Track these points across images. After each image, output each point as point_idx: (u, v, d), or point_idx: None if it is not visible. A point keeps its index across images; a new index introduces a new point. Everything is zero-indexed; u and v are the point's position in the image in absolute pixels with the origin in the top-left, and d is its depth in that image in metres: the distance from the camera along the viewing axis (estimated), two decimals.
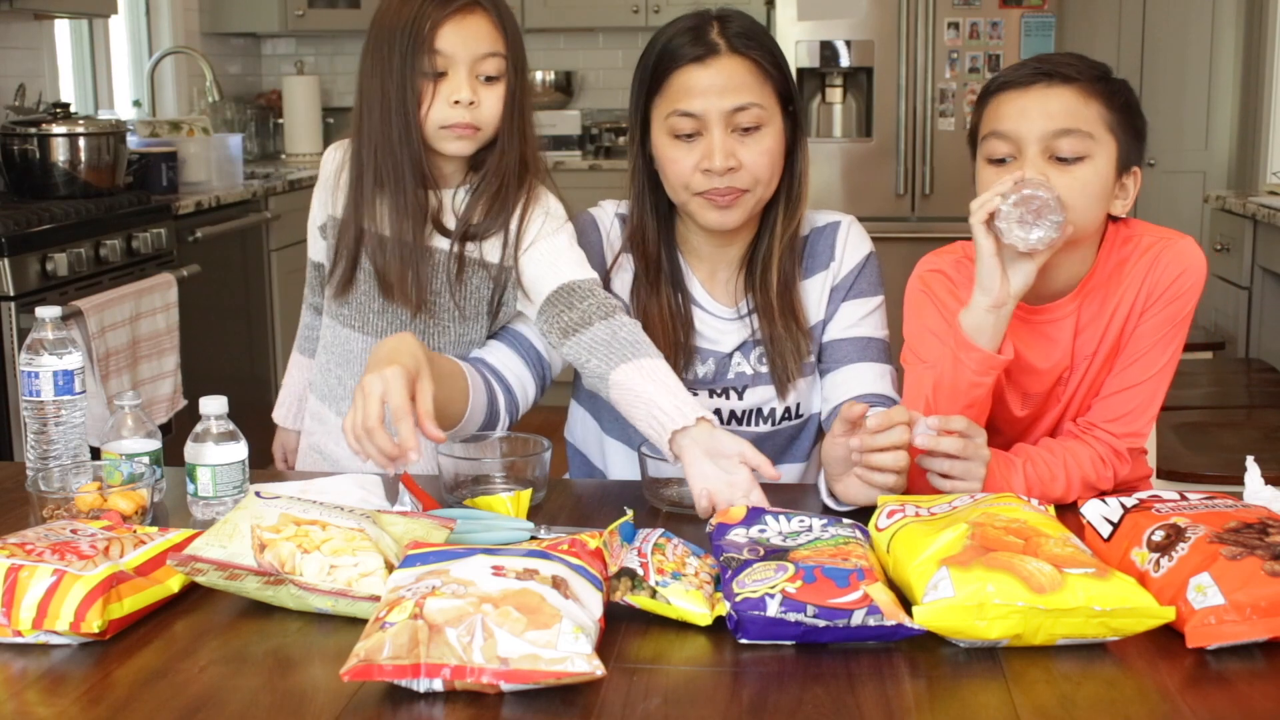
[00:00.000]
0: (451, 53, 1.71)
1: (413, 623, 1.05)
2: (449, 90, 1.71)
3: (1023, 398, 1.65)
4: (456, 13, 1.71)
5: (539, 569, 1.12)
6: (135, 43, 4.93)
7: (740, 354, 1.77)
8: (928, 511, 1.29)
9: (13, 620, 1.16)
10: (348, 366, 1.85)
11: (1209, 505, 1.28)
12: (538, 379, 1.77)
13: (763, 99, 1.66)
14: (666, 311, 1.75)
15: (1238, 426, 3.00)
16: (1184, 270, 1.59)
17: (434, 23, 1.69)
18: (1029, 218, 1.44)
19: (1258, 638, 1.12)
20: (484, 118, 1.73)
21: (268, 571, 1.21)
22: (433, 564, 1.15)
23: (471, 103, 1.71)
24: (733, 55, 1.66)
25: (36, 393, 1.56)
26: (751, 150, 1.66)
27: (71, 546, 1.22)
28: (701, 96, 1.64)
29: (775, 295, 1.74)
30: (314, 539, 1.23)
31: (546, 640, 1.03)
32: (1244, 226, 3.90)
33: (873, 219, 4.85)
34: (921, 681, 1.09)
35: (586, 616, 1.09)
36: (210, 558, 1.22)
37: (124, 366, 3.16)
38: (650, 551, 1.24)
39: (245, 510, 1.28)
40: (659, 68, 1.68)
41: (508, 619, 1.04)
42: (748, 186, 1.67)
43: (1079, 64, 1.57)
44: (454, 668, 1.03)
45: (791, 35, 4.78)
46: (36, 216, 3.09)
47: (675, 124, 1.66)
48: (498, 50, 1.73)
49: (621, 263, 1.79)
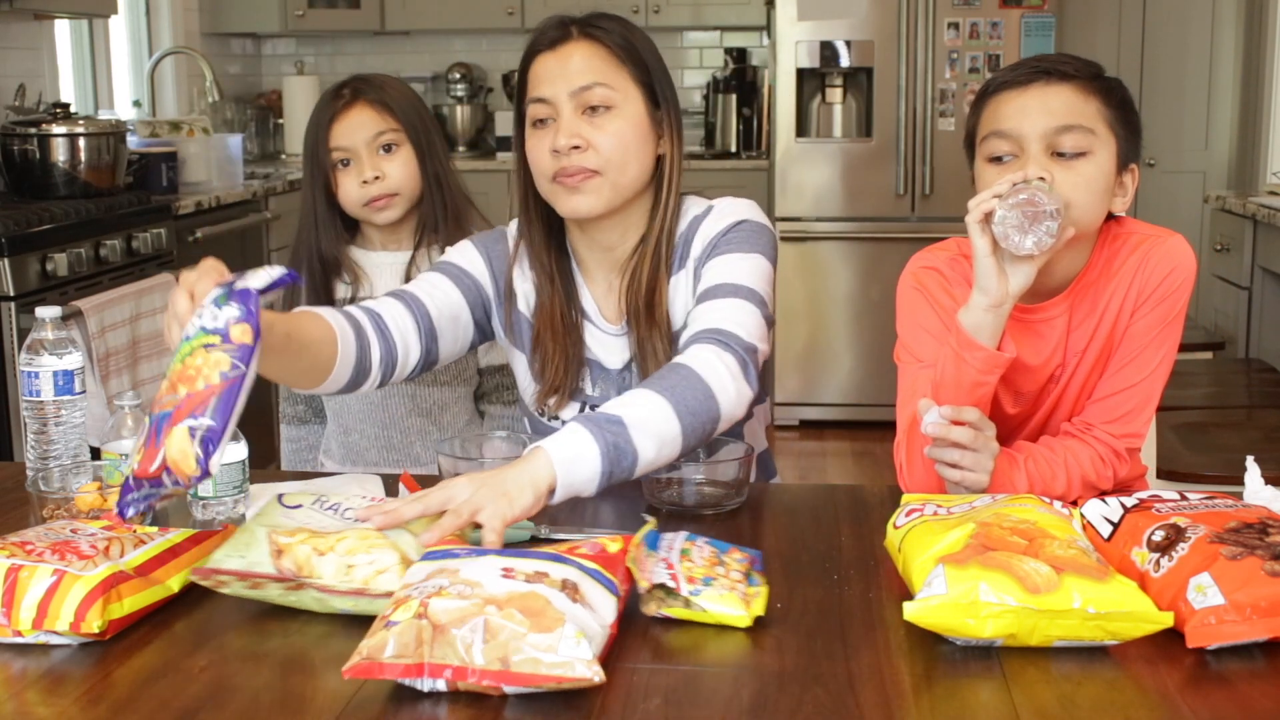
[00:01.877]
0: (347, 145, 2.03)
1: (417, 622, 1.05)
2: (356, 173, 2.03)
3: (1015, 396, 1.65)
4: (340, 112, 2.04)
5: (549, 572, 1.12)
6: (135, 43, 4.94)
7: (629, 370, 1.74)
8: (946, 511, 1.29)
9: (13, 620, 1.16)
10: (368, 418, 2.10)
11: (1209, 505, 1.28)
12: (423, 348, 1.67)
13: (613, 80, 1.65)
14: (560, 327, 1.72)
15: (1238, 426, 3.00)
16: (1174, 268, 1.59)
17: (326, 127, 2.03)
18: (1026, 223, 1.44)
19: (1258, 638, 1.12)
20: (394, 183, 2.04)
21: (287, 577, 1.21)
22: (443, 560, 1.15)
23: (377, 177, 2.02)
24: (582, 39, 1.66)
25: (36, 393, 1.56)
26: (602, 130, 1.63)
27: (72, 546, 1.22)
28: (550, 81, 1.65)
29: (642, 299, 1.69)
30: (329, 540, 1.23)
31: (548, 644, 1.03)
32: (1244, 226, 3.90)
33: (873, 219, 4.86)
34: (921, 681, 1.09)
35: (594, 621, 1.09)
36: (231, 569, 1.23)
37: (124, 366, 3.16)
38: (678, 560, 1.22)
39: (264, 517, 1.29)
40: (523, 62, 1.70)
41: (511, 621, 1.04)
42: (597, 167, 1.63)
43: (1075, 62, 1.58)
44: (455, 668, 1.03)
45: (791, 35, 4.78)
46: (36, 216, 3.09)
47: (532, 111, 1.67)
48: (386, 128, 2.04)
49: (524, 275, 1.76)
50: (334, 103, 2.04)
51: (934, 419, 1.46)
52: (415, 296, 1.69)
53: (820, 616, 1.22)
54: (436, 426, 2.12)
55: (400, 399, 2.11)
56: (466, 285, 1.74)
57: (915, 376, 1.62)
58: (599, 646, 1.07)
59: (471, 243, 1.79)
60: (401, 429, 2.12)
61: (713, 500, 1.54)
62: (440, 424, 2.12)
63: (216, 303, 1.26)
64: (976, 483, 1.48)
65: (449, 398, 2.13)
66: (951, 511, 1.29)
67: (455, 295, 1.72)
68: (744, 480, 1.56)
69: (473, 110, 5.60)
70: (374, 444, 2.13)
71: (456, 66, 5.67)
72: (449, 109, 5.57)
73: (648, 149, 1.68)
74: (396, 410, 2.11)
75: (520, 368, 1.80)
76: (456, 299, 1.72)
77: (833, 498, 1.62)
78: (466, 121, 5.61)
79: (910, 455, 1.57)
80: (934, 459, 1.49)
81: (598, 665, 1.03)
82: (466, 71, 5.66)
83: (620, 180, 1.65)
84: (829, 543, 1.42)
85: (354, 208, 2.06)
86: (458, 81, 5.65)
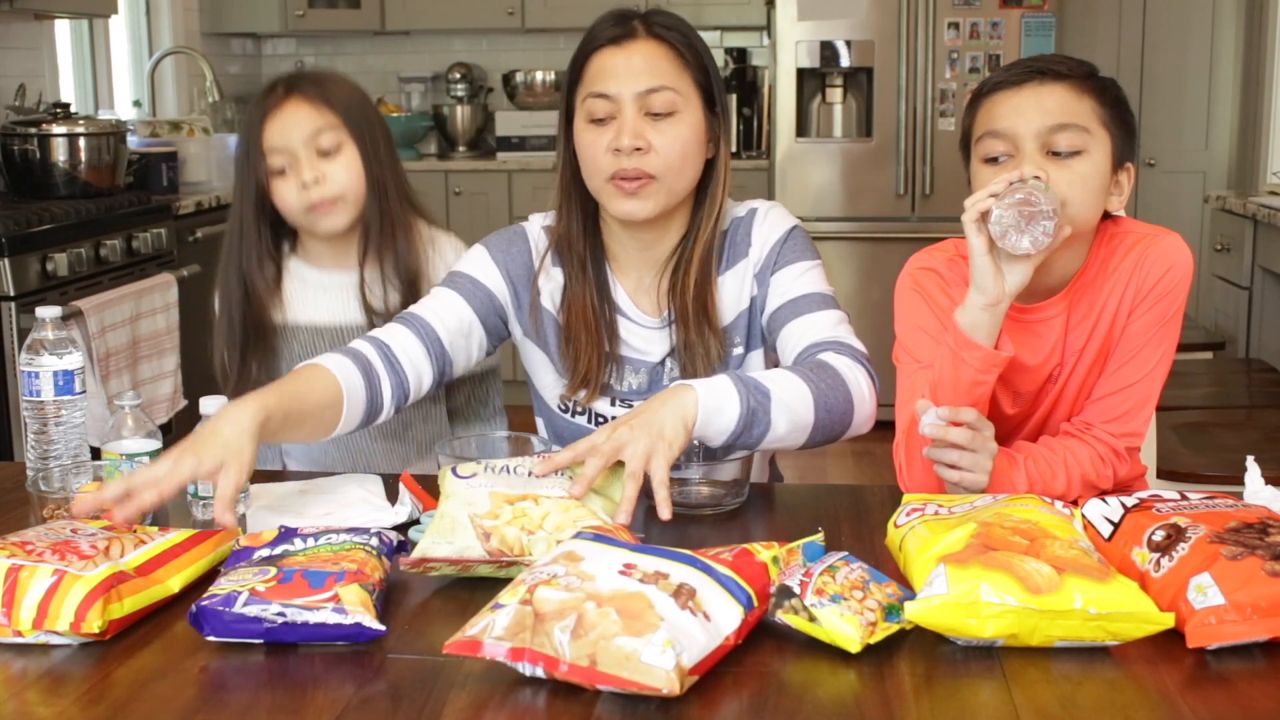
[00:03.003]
0: (284, 145, 1.82)
1: (522, 608, 1.07)
2: (295, 177, 1.83)
3: (1013, 396, 1.65)
4: (274, 107, 1.82)
5: (670, 574, 1.12)
6: (135, 43, 4.94)
7: (672, 360, 1.74)
8: (948, 510, 1.29)
9: (13, 620, 1.16)
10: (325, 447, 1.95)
11: (1209, 505, 1.28)
12: (436, 370, 1.69)
13: (678, 85, 1.65)
14: (591, 317, 1.72)
15: (1238, 426, 2.99)
16: (1170, 266, 1.59)
17: (259, 126, 1.82)
18: (1022, 222, 1.44)
19: (1258, 638, 1.12)
20: (336, 188, 1.84)
21: (500, 559, 1.27)
22: (582, 543, 1.17)
23: (317, 180, 1.82)
24: (649, 39, 1.66)
25: (36, 393, 1.56)
26: (664, 135, 1.63)
27: (72, 546, 1.22)
28: (615, 78, 1.64)
29: (691, 299, 1.69)
30: (533, 518, 1.29)
31: (633, 648, 1.03)
32: (1244, 226, 3.90)
33: (873, 219, 4.86)
34: (921, 681, 1.09)
35: (699, 630, 1.07)
36: (441, 556, 1.28)
37: (124, 366, 3.16)
38: (819, 571, 1.19)
39: (453, 499, 1.33)
40: (579, 55, 1.69)
41: (604, 620, 1.05)
42: (656, 173, 1.64)
43: (1068, 62, 1.59)
44: (548, 659, 1.04)
45: (791, 35, 4.78)
46: (36, 216, 3.09)
47: (591, 107, 1.65)
48: (324, 125, 1.83)
49: (549, 273, 1.76)
50: (266, 100, 1.84)
51: (931, 420, 1.46)
52: (424, 321, 1.70)
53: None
54: (403, 444, 1.99)
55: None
56: (479, 298, 1.74)
57: (914, 377, 1.62)
58: (696, 657, 1.05)
59: (485, 248, 1.78)
60: (366, 454, 1.99)
61: (713, 500, 1.54)
62: (406, 442, 1.99)
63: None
64: (975, 483, 1.48)
65: (414, 417, 1.98)
66: (953, 511, 1.29)
67: (466, 313, 1.72)
68: (744, 480, 1.56)
69: (473, 110, 5.60)
70: (339, 464, 1.99)
71: (456, 66, 5.67)
72: (449, 109, 5.57)
73: (702, 154, 1.69)
74: (359, 437, 1.95)
75: (541, 366, 1.79)
76: (467, 316, 1.72)
77: (833, 498, 1.62)
78: (466, 121, 5.61)
79: (909, 456, 1.57)
80: (932, 460, 1.50)
81: (675, 677, 1.01)
82: (466, 71, 5.66)
83: (676, 186, 1.67)
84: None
85: (296, 215, 1.87)
86: (458, 81, 5.65)
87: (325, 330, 1.95)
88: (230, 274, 1.93)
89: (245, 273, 1.91)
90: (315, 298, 1.95)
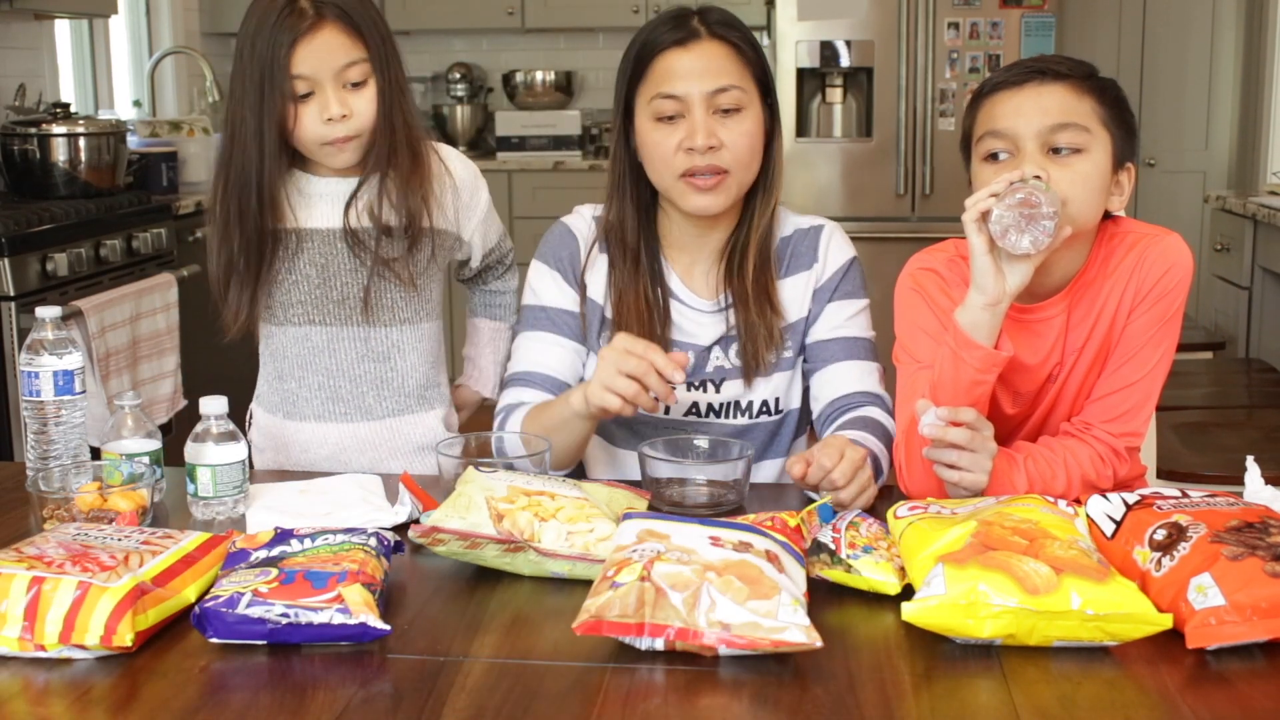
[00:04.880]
0: (311, 73, 1.73)
1: (641, 584, 1.11)
2: (320, 108, 1.74)
3: (1013, 396, 1.65)
4: (306, 33, 1.72)
5: (753, 543, 1.20)
6: (135, 43, 4.93)
7: (719, 347, 1.79)
8: (950, 511, 1.29)
9: (36, 634, 1.13)
10: (309, 365, 1.87)
11: (1210, 503, 1.28)
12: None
13: (742, 82, 1.71)
14: (644, 303, 1.76)
15: (1238, 426, 2.99)
16: (1170, 266, 1.59)
17: (288, 49, 1.72)
18: (1023, 222, 1.44)
19: (1258, 638, 1.12)
20: (359, 125, 1.77)
21: (510, 539, 1.29)
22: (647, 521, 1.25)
23: (344, 115, 1.75)
24: (713, 39, 1.71)
25: (36, 393, 1.56)
26: (733, 131, 1.69)
27: (91, 557, 1.19)
28: (683, 79, 1.69)
29: (751, 282, 1.76)
30: (548, 508, 1.33)
31: (767, 610, 1.10)
32: (1244, 226, 3.90)
33: (873, 219, 4.86)
34: (921, 681, 1.09)
35: (798, 590, 1.16)
36: (452, 528, 1.30)
37: (124, 366, 3.16)
38: (844, 528, 1.31)
39: (473, 483, 1.37)
40: (642, 55, 1.73)
41: (730, 587, 1.11)
42: (729, 167, 1.69)
43: (1068, 62, 1.59)
44: (678, 629, 1.09)
45: (791, 35, 4.78)
46: (36, 216, 3.09)
47: (659, 107, 1.70)
48: (356, 57, 1.75)
49: (595, 261, 1.80)
50: (295, 21, 1.72)
51: (931, 420, 1.46)
52: (543, 376, 1.77)
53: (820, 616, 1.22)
54: (394, 372, 1.88)
55: (349, 341, 1.86)
56: (572, 328, 1.79)
57: (914, 377, 1.62)
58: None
59: (545, 265, 1.82)
60: (351, 377, 1.87)
61: (713, 500, 1.54)
62: (398, 369, 1.88)
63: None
64: (975, 483, 1.48)
65: (409, 338, 1.88)
66: (955, 511, 1.29)
67: (567, 345, 1.79)
68: (744, 480, 1.56)
69: (473, 110, 5.60)
70: (316, 393, 1.88)
71: (456, 66, 5.67)
72: (449, 109, 5.57)
73: (762, 148, 1.75)
74: (345, 355, 1.86)
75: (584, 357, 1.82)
76: (569, 345, 1.79)
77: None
78: (466, 121, 5.61)
79: (909, 456, 1.57)
80: (932, 460, 1.50)
81: (815, 631, 1.09)
82: (466, 71, 5.66)
83: (744, 180, 1.74)
84: None
85: (310, 145, 1.78)
86: (458, 81, 5.65)
87: (318, 234, 1.86)
88: (243, 185, 1.79)
89: (258, 185, 1.78)
90: (309, 205, 1.86)
